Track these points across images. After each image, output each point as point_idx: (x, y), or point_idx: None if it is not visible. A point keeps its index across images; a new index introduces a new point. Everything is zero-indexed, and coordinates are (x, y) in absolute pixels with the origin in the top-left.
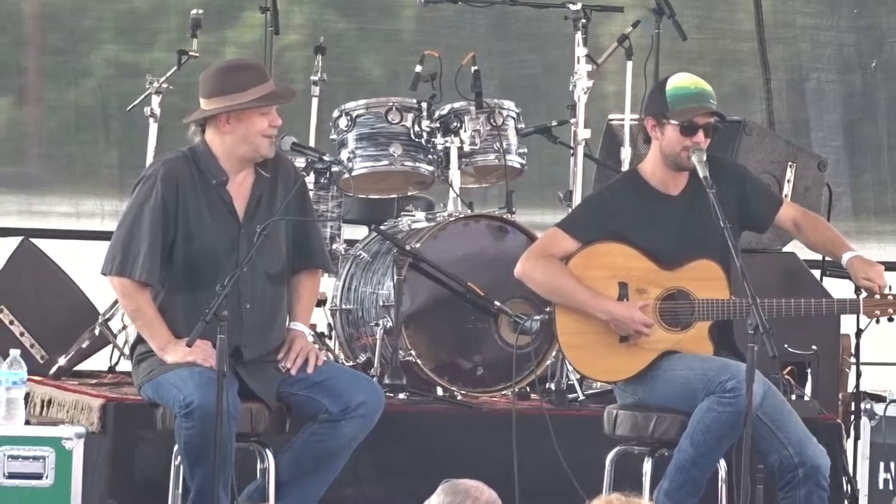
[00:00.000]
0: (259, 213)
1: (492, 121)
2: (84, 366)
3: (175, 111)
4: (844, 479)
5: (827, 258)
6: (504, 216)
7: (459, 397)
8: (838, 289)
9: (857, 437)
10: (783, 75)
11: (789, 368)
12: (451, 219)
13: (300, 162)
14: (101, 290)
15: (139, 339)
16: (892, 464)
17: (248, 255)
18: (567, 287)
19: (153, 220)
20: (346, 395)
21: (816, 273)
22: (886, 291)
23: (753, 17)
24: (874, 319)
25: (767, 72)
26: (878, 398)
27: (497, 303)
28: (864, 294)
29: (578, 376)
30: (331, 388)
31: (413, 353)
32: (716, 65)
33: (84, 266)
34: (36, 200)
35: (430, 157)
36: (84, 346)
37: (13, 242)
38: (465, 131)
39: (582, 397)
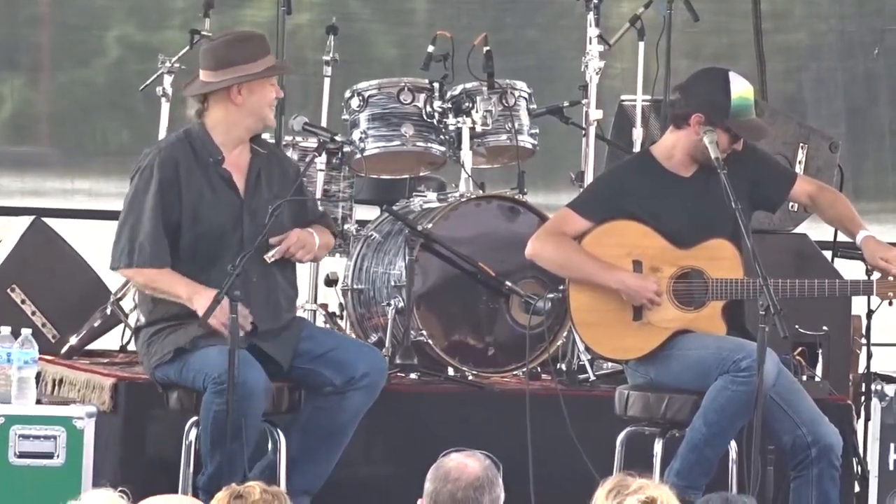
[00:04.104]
0: (259, 190)
1: (504, 101)
2: (96, 345)
3: None
4: (855, 460)
5: (841, 237)
6: (516, 197)
7: (471, 377)
8: (849, 270)
9: (867, 418)
10: (780, 66)
11: (800, 349)
12: (463, 199)
13: (312, 142)
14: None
15: (147, 322)
16: None
17: (261, 234)
18: (578, 261)
19: (153, 206)
20: (350, 367)
21: (828, 254)
22: None
23: (751, 6)
24: (887, 301)
25: (763, 62)
26: (889, 379)
27: (508, 283)
28: (877, 275)
29: (590, 357)
30: (333, 359)
31: (424, 333)
32: (710, 57)
33: (96, 245)
34: (47, 180)
35: (441, 137)
36: (96, 325)
37: (25, 222)
38: (476, 112)
39: (593, 378)
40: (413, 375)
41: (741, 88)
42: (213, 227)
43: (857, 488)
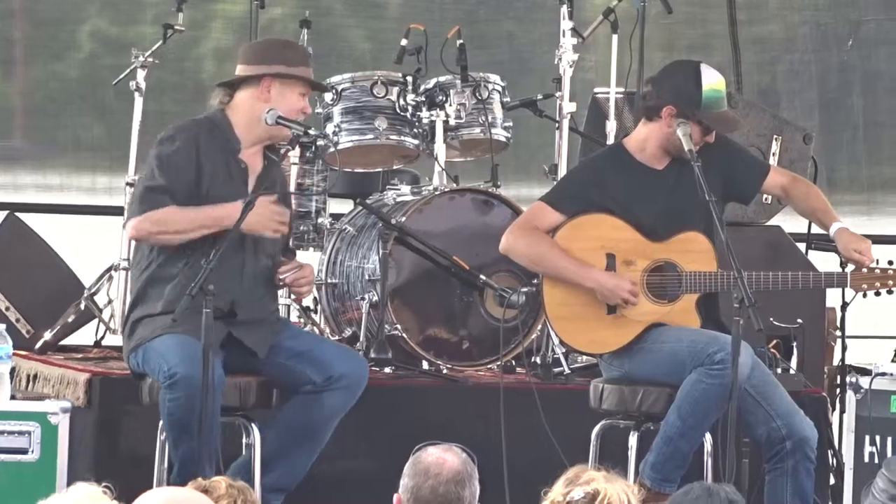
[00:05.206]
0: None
1: (477, 94)
2: (70, 340)
3: (160, 85)
4: (830, 453)
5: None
6: (489, 190)
7: (445, 371)
8: (823, 262)
9: (842, 411)
10: (754, 57)
11: (775, 342)
12: (437, 192)
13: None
14: (87, 265)
15: (132, 307)
16: (877, 437)
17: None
18: (552, 258)
19: (173, 169)
20: (330, 366)
21: (802, 246)
22: (873, 265)
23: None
24: (861, 293)
25: (738, 53)
26: (864, 371)
27: (482, 276)
28: (851, 267)
29: (564, 350)
30: (315, 357)
31: (399, 327)
32: (685, 49)
33: (70, 240)
34: (21, 174)
35: (415, 130)
36: (70, 320)
37: None
38: (450, 105)
39: (568, 371)
40: (387, 369)
41: (712, 80)
42: None
43: (832, 481)
